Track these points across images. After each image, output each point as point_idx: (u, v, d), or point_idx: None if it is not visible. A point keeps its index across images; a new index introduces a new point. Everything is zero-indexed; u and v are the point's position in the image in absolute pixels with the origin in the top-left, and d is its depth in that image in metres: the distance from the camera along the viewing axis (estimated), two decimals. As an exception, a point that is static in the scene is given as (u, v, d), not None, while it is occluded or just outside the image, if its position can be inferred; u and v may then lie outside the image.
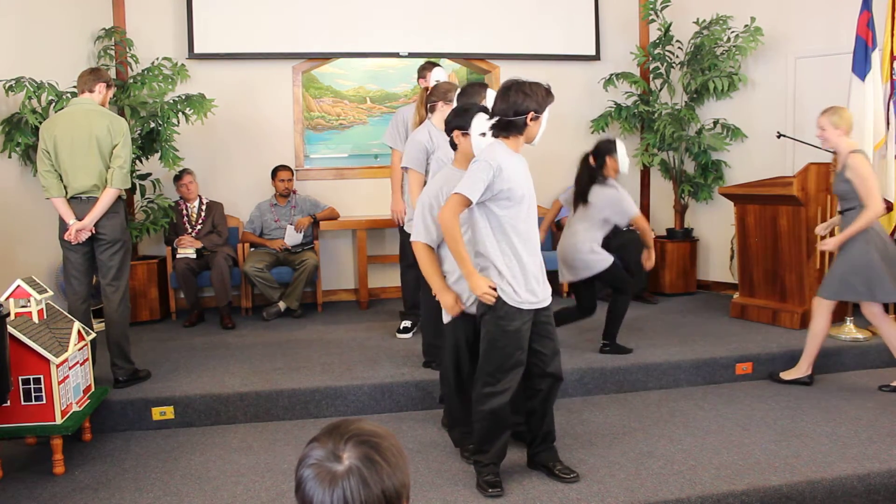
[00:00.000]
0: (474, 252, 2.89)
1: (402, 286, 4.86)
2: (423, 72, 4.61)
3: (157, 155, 5.10)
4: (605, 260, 4.16)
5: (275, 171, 5.68)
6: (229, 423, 3.71)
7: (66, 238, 3.71)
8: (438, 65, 4.60)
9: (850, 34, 4.65)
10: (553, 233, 5.61)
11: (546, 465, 3.02)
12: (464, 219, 2.91)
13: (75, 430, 3.17)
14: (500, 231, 2.80)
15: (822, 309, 3.96)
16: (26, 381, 3.08)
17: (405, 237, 3.88)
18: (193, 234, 5.42)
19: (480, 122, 2.97)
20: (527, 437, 3.14)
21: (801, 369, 4.09)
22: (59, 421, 3.11)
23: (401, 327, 4.82)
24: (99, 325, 4.33)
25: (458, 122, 3.10)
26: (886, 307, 4.63)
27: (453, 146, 3.19)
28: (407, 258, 4.37)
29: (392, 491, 1.11)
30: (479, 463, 2.95)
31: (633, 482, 2.93)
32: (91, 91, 3.82)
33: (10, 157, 4.50)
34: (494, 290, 2.80)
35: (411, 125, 4.51)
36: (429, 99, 4.11)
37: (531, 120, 2.76)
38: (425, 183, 3.89)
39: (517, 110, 2.74)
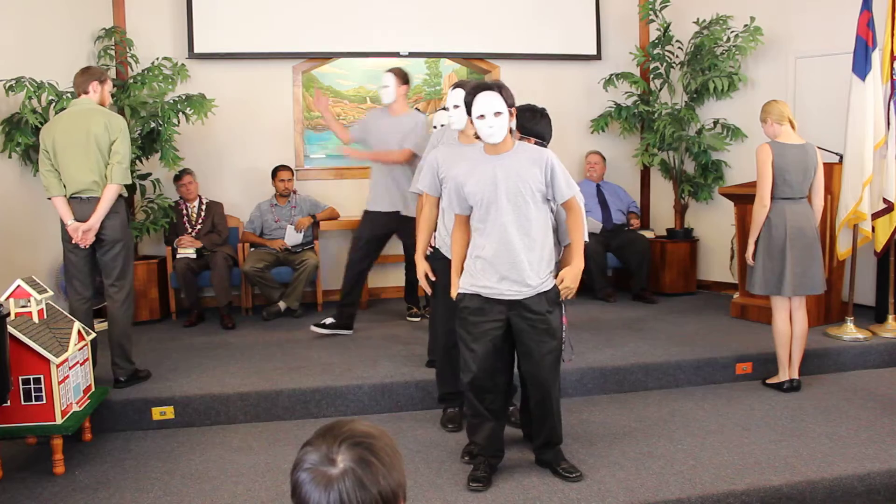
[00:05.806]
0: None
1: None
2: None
3: (158, 155, 5.11)
4: None
5: (275, 171, 5.68)
6: (229, 423, 3.71)
7: (74, 241, 3.71)
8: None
9: (850, 34, 4.64)
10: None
11: (550, 465, 3.04)
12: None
13: (75, 430, 3.17)
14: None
15: (772, 307, 3.98)
16: (26, 381, 3.08)
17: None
18: (193, 234, 5.42)
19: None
20: (531, 436, 3.17)
21: (778, 375, 4.03)
22: (59, 421, 3.11)
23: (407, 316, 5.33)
24: (100, 325, 4.34)
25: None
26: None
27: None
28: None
29: (388, 491, 1.11)
30: (471, 452, 3.12)
31: (633, 482, 2.93)
32: (86, 92, 3.83)
33: (10, 157, 4.50)
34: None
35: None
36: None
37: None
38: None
39: None
